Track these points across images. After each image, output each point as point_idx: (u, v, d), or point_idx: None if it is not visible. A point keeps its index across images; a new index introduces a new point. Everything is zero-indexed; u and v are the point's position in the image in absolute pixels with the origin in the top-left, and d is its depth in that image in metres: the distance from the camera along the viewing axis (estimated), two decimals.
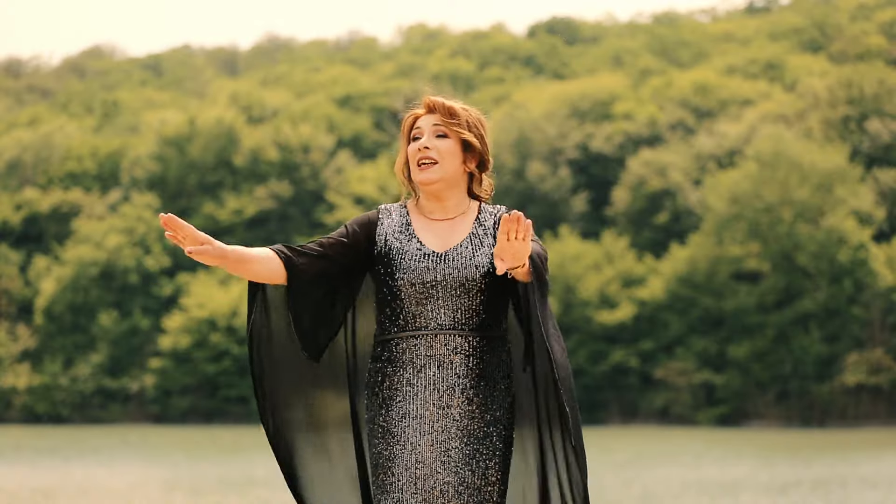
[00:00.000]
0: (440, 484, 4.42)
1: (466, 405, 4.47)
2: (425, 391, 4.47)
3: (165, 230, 4.35)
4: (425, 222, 4.58)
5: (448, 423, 4.46)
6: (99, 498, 20.10)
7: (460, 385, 4.48)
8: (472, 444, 4.45)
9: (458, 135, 4.57)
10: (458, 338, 4.49)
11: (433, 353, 4.48)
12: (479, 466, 4.45)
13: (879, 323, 52.66)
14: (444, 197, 4.58)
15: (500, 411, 4.52)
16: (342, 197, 62.83)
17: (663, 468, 27.01)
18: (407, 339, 4.50)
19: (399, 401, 4.49)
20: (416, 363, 4.49)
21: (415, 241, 4.53)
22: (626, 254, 57.27)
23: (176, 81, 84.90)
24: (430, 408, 4.47)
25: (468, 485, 4.43)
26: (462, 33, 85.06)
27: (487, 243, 4.54)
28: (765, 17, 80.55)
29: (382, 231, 4.57)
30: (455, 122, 4.57)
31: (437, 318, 4.48)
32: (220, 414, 58.44)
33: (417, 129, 4.58)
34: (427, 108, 4.60)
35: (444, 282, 4.48)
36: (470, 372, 4.48)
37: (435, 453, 4.44)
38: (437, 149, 4.54)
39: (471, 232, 4.56)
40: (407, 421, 4.47)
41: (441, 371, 4.48)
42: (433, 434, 4.45)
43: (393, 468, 4.46)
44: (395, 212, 4.63)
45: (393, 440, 4.47)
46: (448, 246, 4.53)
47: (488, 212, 4.63)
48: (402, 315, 4.50)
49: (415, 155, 4.55)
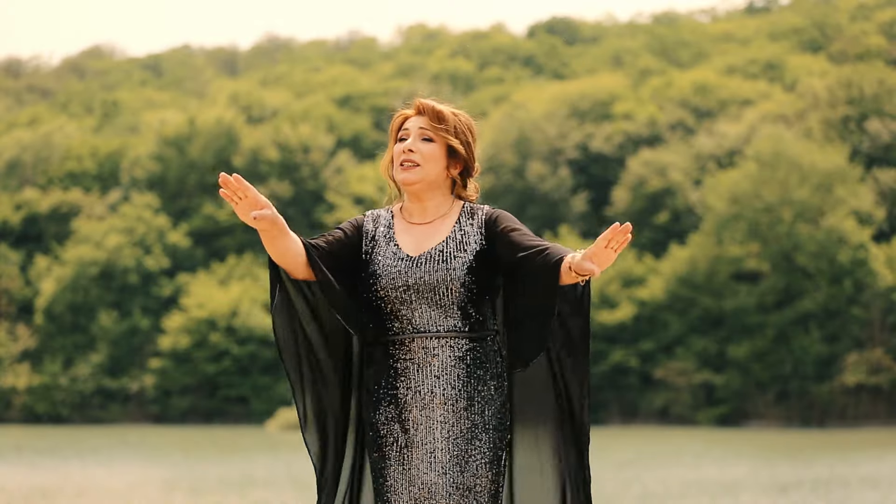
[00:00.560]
0: (429, 485, 4.44)
1: (450, 406, 4.49)
2: (407, 394, 4.51)
3: (222, 187, 4.33)
4: (406, 226, 4.61)
5: (431, 425, 4.48)
6: (98, 498, 20.09)
7: (440, 386, 4.50)
8: (459, 446, 4.47)
9: (444, 140, 4.58)
10: (435, 340, 4.51)
11: (411, 357, 4.51)
12: (469, 467, 4.47)
13: (879, 323, 52.65)
14: (425, 198, 4.60)
15: (488, 412, 4.52)
16: (342, 197, 62.82)
17: (663, 468, 27.01)
18: (386, 345, 4.53)
19: (386, 404, 4.52)
20: (397, 367, 4.52)
21: (392, 244, 4.57)
22: (625, 254, 57.24)
23: (176, 81, 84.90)
24: (412, 411, 4.50)
25: (458, 485, 4.45)
26: (462, 33, 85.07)
27: (466, 246, 4.55)
28: (765, 17, 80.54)
29: (368, 236, 4.60)
30: (442, 127, 4.58)
31: (412, 322, 4.50)
32: (219, 414, 58.44)
33: (405, 131, 4.61)
34: (416, 110, 4.62)
35: (416, 285, 4.50)
36: (449, 374, 4.50)
37: (420, 454, 4.46)
38: (420, 152, 4.56)
39: (448, 235, 4.56)
40: (393, 424, 4.50)
41: (419, 374, 4.51)
42: (418, 436, 4.48)
43: (384, 471, 4.49)
44: (381, 216, 4.67)
45: (382, 442, 4.51)
46: (422, 250, 4.54)
47: (470, 213, 4.63)
48: (381, 319, 4.53)
49: (399, 155, 4.59)
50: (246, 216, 4.36)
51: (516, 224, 4.55)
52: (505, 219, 4.57)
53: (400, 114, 4.64)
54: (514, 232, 4.50)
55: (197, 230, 64.05)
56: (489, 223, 4.58)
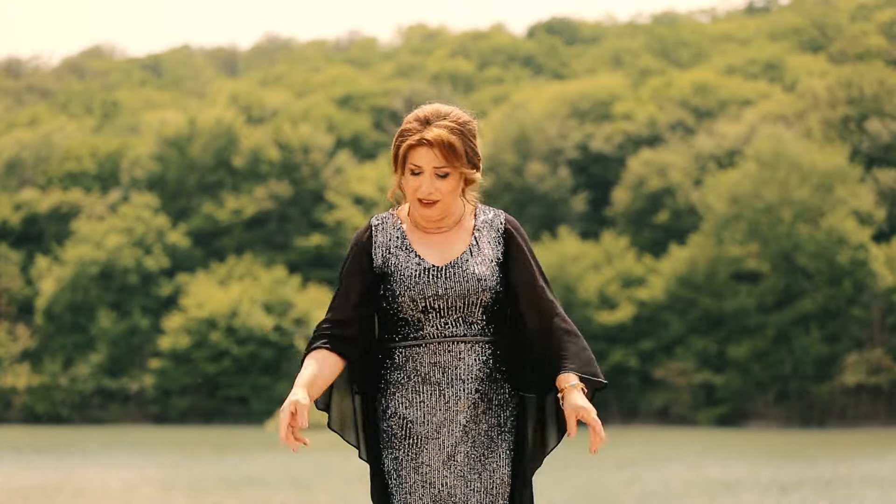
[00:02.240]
0: (448, 488, 4.46)
1: (472, 410, 4.51)
2: (431, 398, 4.51)
3: (287, 418, 4.34)
4: (421, 235, 4.58)
5: (454, 428, 4.49)
6: (98, 497, 20.09)
7: (466, 390, 4.51)
8: (478, 449, 4.50)
9: (459, 171, 4.52)
10: (462, 345, 4.52)
11: (437, 361, 4.51)
12: (487, 470, 4.49)
13: (879, 323, 52.65)
14: (442, 218, 4.58)
15: (504, 414, 4.55)
16: (342, 197, 62.83)
17: (663, 468, 27.00)
18: (410, 348, 4.52)
19: (406, 407, 4.52)
20: (421, 371, 4.52)
21: (413, 255, 4.53)
22: (625, 254, 57.26)
23: (176, 81, 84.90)
24: (436, 414, 4.50)
25: (476, 489, 4.47)
26: (462, 33, 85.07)
27: (486, 254, 4.55)
28: (764, 17, 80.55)
29: (378, 248, 4.56)
30: (458, 162, 4.48)
31: (439, 328, 4.50)
32: (219, 414, 58.45)
33: (416, 167, 4.49)
34: (425, 141, 4.52)
35: (445, 295, 4.49)
36: (474, 378, 4.52)
37: (442, 458, 4.48)
38: (439, 191, 4.51)
39: (470, 243, 4.56)
40: (414, 427, 4.49)
41: (445, 377, 4.51)
42: (440, 439, 4.49)
43: (401, 472, 4.49)
44: (388, 224, 4.61)
45: (399, 445, 4.50)
46: (447, 259, 4.53)
47: (484, 219, 4.61)
48: (406, 325, 4.52)
49: (415, 192, 4.52)
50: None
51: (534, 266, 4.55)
52: (518, 250, 4.56)
53: (406, 144, 4.50)
54: (524, 285, 4.55)
55: (197, 230, 64.06)
56: (507, 239, 4.58)
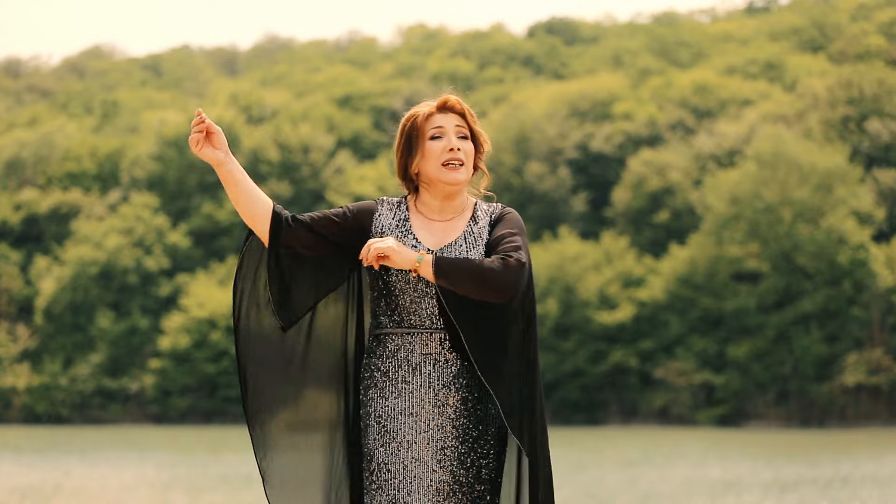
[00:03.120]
0: (436, 482, 4.44)
1: (461, 403, 4.49)
2: (421, 389, 4.48)
3: (197, 119, 4.34)
4: (423, 221, 4.59)
5: (444, 422, 4.47)
6: (98, 497, 20.09)
7: (456, 383, 4.49)
8: (467, 443, 4.47)
9: (476, 135, 4.60)
10: (454, 336, 4.49)
11: (429, 351, 4.49)
12: (474, 465, 4.47)
13: (879, 323, 52.64)
14: (456, 196, 4.58)
15: (495, 409, 4.52)
16: (342, 197, 62.81)
17: (663, 468, 27.00)
18: (402, 336, 4.50)
19: (395, 397, 4.50)
20: (412, 361, 4.50)
21: (410, 237, 4.53)
22: (625, 254, 57.24)
23: (175, 81, 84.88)
24: (426, 406, 4.48)
25: (462, 483, 4.45)
26: (461, 33, 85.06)
27: (481, 242, 4.54)
28: (764, 17, 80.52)
29: (380, 223, 4.57)
30: (470, 125, 4.63)
31: (431, 317, 4.48)
32: (219, 414, 58.44)
33: (439, 129, 4.55)
34: (442, 107, 4.58)
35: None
36: (465, 370, 4.49)
37: (431, 451, 4.45)
38: (463, 150, 4.55)
39: (465, 231, 4.56)
40: (403, 418, 4.47)
41: (436, 369, 4.49)
42: (429, 432, 4.47)
43: (389, 465, 4.46)
44: (395, 206, 4.62)
45: (389, 437, 4.48)
46: (442, 244, 4.53)
47: (483, 209, 4.64)
48: (398, 311, 4.51)
49: (440, 155, 4.54)
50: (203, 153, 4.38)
51: (511, 227, 4.53)
52: (506, 223, 4.56)
53: (428, 110, 4.58)
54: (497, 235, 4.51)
55: (196, 230, 64.05)
56: (495, 221, 4.59)
